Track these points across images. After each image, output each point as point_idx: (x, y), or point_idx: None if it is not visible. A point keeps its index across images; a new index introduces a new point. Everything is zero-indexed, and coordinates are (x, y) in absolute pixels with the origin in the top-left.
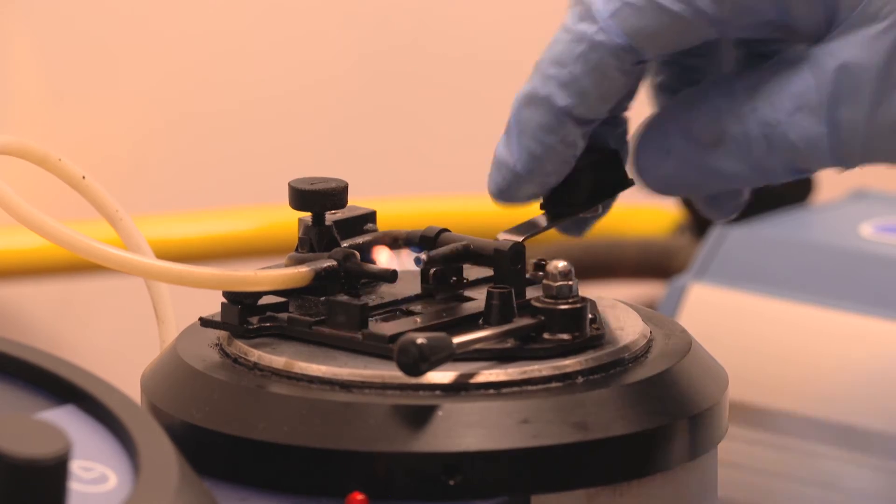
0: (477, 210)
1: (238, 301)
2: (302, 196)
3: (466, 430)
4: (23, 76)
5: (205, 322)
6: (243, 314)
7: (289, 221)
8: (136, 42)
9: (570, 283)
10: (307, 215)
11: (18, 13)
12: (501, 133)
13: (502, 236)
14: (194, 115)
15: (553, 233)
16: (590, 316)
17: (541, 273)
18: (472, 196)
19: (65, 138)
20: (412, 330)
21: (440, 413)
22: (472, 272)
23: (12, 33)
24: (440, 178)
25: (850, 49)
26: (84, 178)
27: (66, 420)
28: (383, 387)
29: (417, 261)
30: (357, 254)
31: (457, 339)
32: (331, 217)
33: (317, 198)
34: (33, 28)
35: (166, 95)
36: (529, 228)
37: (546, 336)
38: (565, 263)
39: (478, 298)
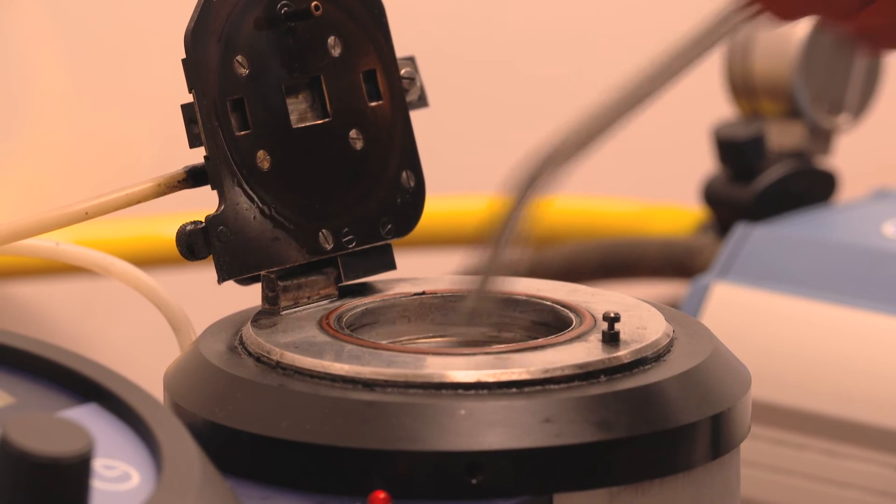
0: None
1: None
2: None
3: (489, 429)
4: (44, 74)
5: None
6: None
7: None
8: (160, 38)
9: None
10: None
11: (39, 10)
12: (520, 135)
13: None
14: None
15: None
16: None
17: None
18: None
19: (87, 138)
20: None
21: (463, 412)
22: None
23: (33, 31)
24: (461, 178)
25: None
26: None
27: (88, 418)
28: (406, 385)
29: None
30: None
31: None
32: None
33: None
34: (54, 25)
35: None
36: None
37: None
38: None
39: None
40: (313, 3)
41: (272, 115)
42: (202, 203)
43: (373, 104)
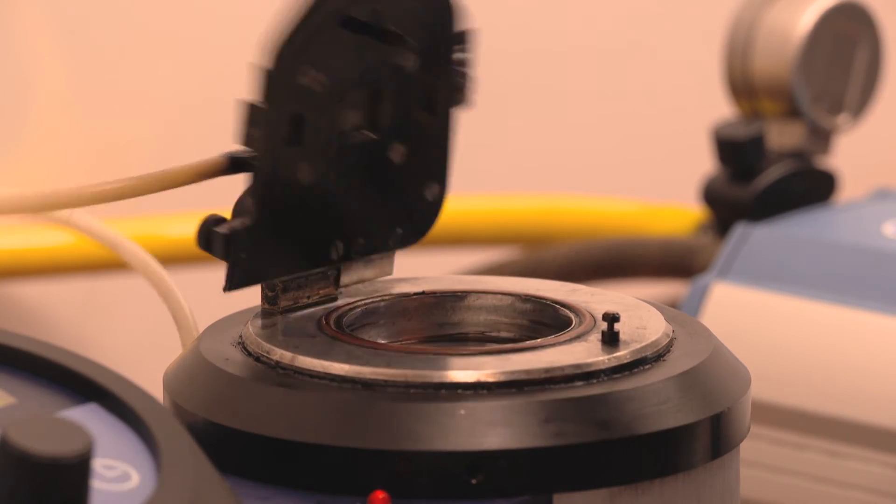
0: (494, 208)
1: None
2: None
3: (489, 429)
4: (45, 75)
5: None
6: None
7: None
8: (162, 38)
9: None
10: None
11: (40, 10)
12: (521, 135)
13: None
14: (227, 111)
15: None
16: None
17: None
18: (493, 195)
19: (88, 138)
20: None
21: (462, 412)
22: None
23: (34, 30)
24: (461, 177)
25: None
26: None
27: (88, 418)
28: (406, 385)
29: None
30: None
31: None
32: None
33: None
34: (55, 25)
35: (198, 91)
36: None
37: None
38: None
39: None
40: (387, 22)
41: (328, 130)
42: (204, 203)
43: (425, 120)
